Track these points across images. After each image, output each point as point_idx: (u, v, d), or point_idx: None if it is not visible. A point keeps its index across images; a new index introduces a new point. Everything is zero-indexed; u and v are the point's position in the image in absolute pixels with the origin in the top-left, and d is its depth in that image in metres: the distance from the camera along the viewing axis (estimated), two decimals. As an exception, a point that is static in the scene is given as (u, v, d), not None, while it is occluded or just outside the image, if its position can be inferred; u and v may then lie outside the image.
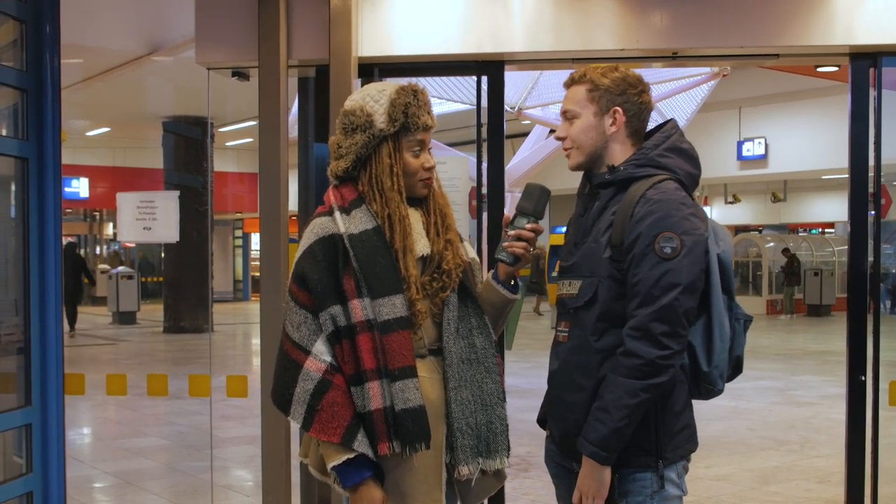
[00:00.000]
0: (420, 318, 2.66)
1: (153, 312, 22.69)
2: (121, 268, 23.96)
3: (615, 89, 2.76)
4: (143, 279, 27.06)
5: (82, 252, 34.70)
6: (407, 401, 2.58)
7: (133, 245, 32.50)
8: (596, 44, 4.54)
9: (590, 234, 2.76)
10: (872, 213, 4.76)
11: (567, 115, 2.82)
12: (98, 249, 35.15)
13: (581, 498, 2.67)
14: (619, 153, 2.78)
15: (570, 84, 2.84)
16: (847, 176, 4.66)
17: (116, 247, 34.27)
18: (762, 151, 20.15)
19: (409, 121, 2.69)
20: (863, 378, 4.63)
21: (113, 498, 7.05)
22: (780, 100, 19.01)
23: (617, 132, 2.77)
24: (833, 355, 14.81)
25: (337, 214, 2.66)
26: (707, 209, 30.81)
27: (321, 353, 2.60)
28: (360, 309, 2.59)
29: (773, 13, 4.49)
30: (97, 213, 33.73)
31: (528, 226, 2.73)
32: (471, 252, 2.91)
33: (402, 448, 2.59)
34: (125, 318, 21.92)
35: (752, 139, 20.25)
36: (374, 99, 2.72)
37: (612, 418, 2.57)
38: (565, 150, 2.84)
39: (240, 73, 4.98)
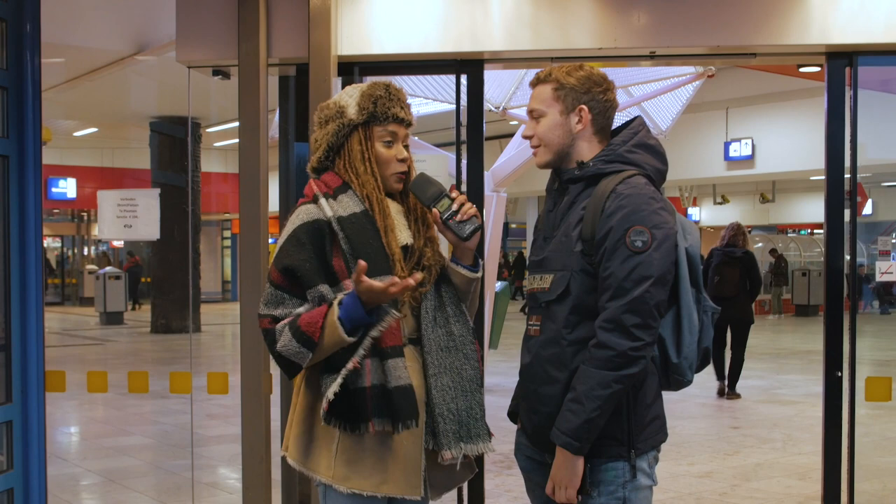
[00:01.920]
0: (402, 299, 2.71)
1: (140, 313, 22.66)
2: (108, 268, 23.91)
3: (580, 88, 2.80)
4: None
5: (70, 254, 34.67)
6: (399, 378, 2.64)
7: (121, 245, 32.44)
8: (574, 42, 4.58)
9: (559, 228, 2.80)
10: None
11: (534, 115, 2.86)
12: (86, 250, 35.06)
13: (554, 488, 2.71)
14: (587, 150, 2.82)
15: (535, 83, 2.88)
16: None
17: (104, 247, 34.20)
18: (749, 152, 20.19)
19: (377, 110, 2.75)
20: (839, 374, 4.68)
21: (97, 496, 7.05)
22: (767, 100, 19.06)
23: (583, 130, 2.81)
24: (819, 355, 14.77)
25: (322, 200, 2.71)
26: (696, 210, 30.92)
27: (297, 314, 2.63)
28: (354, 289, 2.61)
29: (749, 12, 4.53)
30: (84, 214, 33.65)
31: (454, 195, 2.74)
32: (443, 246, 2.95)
33: (394, 425, 2.64)
34: (112, 318, 21.89)
35: (738, 140, 20.30)
36: (348, 94, 2.81)
37: (584, 409, 2.61)
38: (533, 148, 2.88)
39: (221, 72, 5.01)
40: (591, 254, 2.68)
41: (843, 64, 4.61)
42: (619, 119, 2.94)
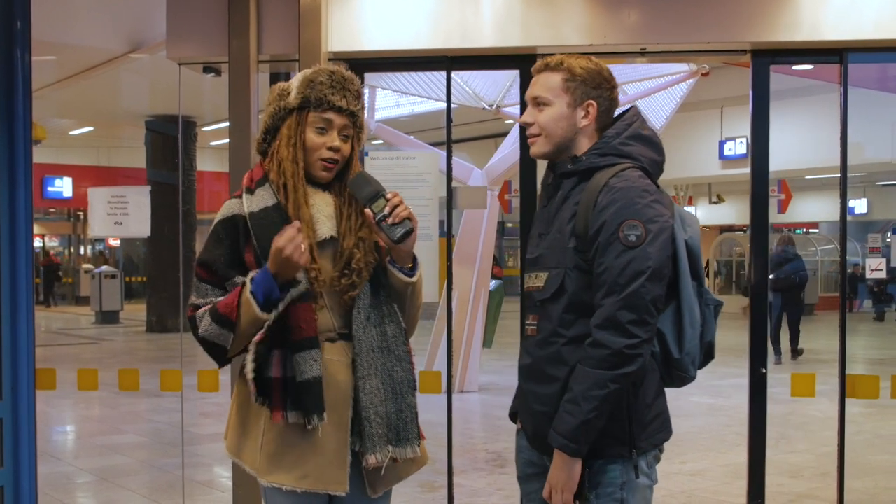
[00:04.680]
0: (318, 287, 2.67)
1: (136, 312, 22.63)
2: (104, 267, 23.88)
3: (591, 82, 2.73)
4: (127, 279, 27.00)
5: (66, 252, 34.65)
6: (303, 373, 2.62)
7: (118, 244, 32.43)
8: (564, 39, 4.56)
9: (552, 224, 2.74)
10: (854, 211, 4.84)
11: (537, 101, 2.76)
12: (82, 249, 35.04)
13: (551, 492, 2.64)
14: (586, 146, 2.74)
15: (542, 69, 2.78)
16: (831, 176, 4.72)
17: (101, 246, 34.19)
18: (744, 150, 20.19)
19: (312, 96, 2.72)
20: (764, 371, 4.70)
21: (89, 494, 7.05)
22: (762, 99, 19.07)
23: (588, 125, 2.74)
24: (813, 353, 14.89)
25: (245, 195, 2.73)
26: (691, 209, 30.91)
27: (216, 301, 2.67)
28: None
29: (740, 9, 4.53)
30: (81, 213, 33.63)
31: (389, 196, 2.69)
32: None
33: (302, 418, 2.64)
34: (108, 317, 21.86)
35: (733, 138, 20.29)
36: (297, 79, 2.79)
37: (581, 410, 2.53)
38: (531, 136, 2.79)
39: (212, 69, 5.00)
40: (585, 250, 2.61)
41: (767, 62, 4.66)
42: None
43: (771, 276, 13.65)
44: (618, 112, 2.83)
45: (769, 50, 4.57)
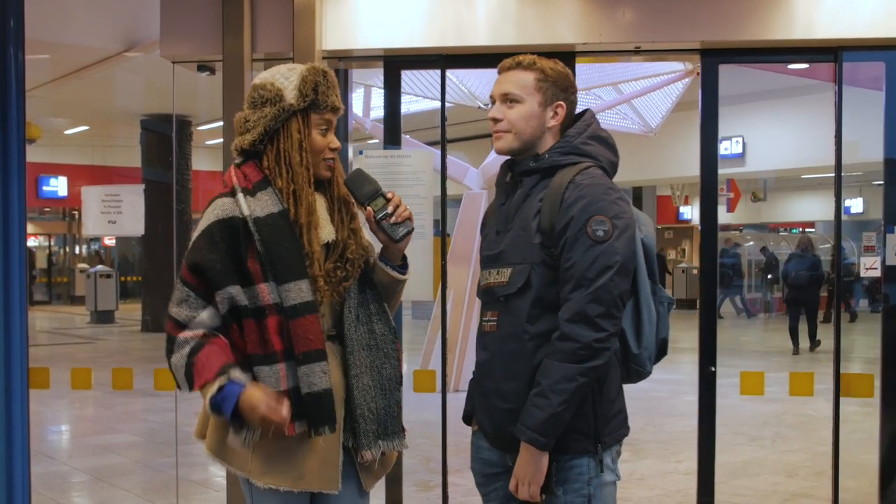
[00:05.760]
0: (321, 296, 2.66)
1: (132, 311, 22.60)
2: (99, 266, 23.83)
3: (561, 84, 2.79)
4: (122, 278, 26.94)
5: (62, 252, 34.61)
6: (312, 385, 2.60)
7: (113, 244, 32.37)
8: (559, 37, 4.57)
9: (513, 221, 2.77)
10: (850, 210, 4.84)
11: (507, 98, 2.77)
12: (77, 249, 34.97)
13: (517, 486, 2.67)
14: (548, 145, 2.79)
15: (513, 67, 2.79)
16: (828, 175, 4.72)
17: (97, 246, 34.12)
18: (739, 150, 20.18)
19: (318, 98, 2.70)
20: (713, 370, 4.71)
21: (83, 494, 7.04)
22: (758, 98, 19.04)
23: (555, 126, 2.79)
24: (809, 353, 14.92)
25: (240, 196, 2.63)
26: (688, 208, 30.94)
27: (198, 325, 2.58)
28: (268, 293, 2.58)
29: (734, 8, 4.52)
30: (76, 212, 33.55)
31: (389, 195, 2.73)
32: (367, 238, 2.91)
33: (309, 430, 2.62)
34: (103, 317, 21.83)
35: (729, 138, 20.26)
36: (284, 76, 2.72)
37: (550, 404, 2.57)
38: (498, 131, 2.80)
39: (207, 68, 4.99)
40: (551, 245, 2.65)
41: (717, 60, 4.69)
42: (611, 117, 2.91)
43: (792, 274, 16.01)
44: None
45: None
